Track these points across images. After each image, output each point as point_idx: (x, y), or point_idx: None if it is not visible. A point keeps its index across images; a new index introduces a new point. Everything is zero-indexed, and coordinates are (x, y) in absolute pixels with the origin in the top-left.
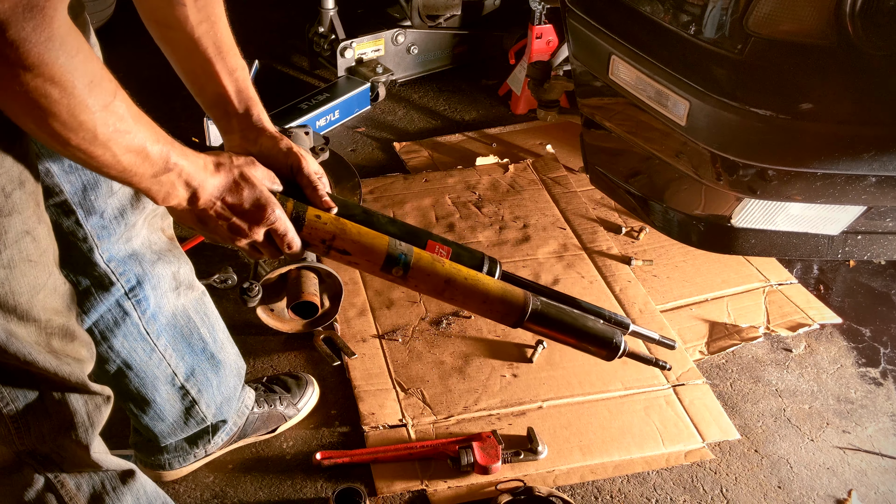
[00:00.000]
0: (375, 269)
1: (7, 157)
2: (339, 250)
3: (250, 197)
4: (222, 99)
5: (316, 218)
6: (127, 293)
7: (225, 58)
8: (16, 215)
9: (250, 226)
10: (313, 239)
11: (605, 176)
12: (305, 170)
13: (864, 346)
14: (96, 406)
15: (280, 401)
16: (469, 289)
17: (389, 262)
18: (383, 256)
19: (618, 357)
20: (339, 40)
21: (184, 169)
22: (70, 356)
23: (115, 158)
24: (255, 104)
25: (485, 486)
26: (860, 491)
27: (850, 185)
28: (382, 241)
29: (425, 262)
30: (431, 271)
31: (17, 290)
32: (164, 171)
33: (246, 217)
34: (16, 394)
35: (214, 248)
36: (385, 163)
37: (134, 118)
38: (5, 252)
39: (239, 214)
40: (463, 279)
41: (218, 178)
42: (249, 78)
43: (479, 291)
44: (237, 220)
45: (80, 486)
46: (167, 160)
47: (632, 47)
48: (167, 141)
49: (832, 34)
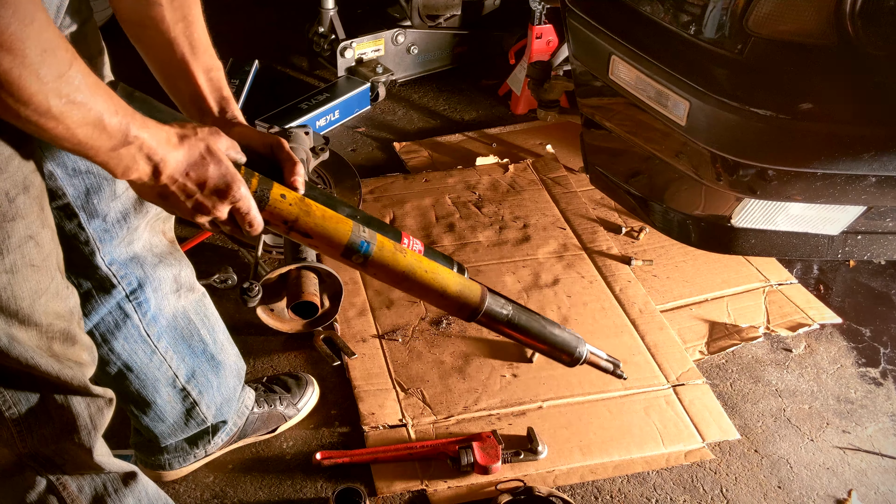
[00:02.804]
0: (336, 254)
1: (11, 162)
2: (300, 232)
3: (215, 173)
4: (197, 97)
5: (281, 197)
6: (128, 296)
7: (200, 57)
8: (20, 220)
9: (213, 203)
10: (275, 219)
11: (605, 176)
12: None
13: (864, 346)
14: (98, 409)
15: (280, 401)
16: (428, 281)
17: (350, 248)
18: (345, 242)
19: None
20: (339, 40)
21: (145, 142)
22: (71, 360)
23: (70, 131)
24: (230, 103)
25: (485, 486)
26: (860, 491)
27: (850, 185)
28: (346, 226)
29: (387, 251)
30: (392, 261)
31: (19, 295)
32: (122, 145)
33: (210, 194)
34: (18, 397)
35: (214, 249)
36: (385, 163)
37: (91, 89)
38: (8, 257)
39: (203, 191)
40: (423, 272)
41: (181, 152)
42: (224, 78)
43: (438, 285)
44: (200, 196)
45: (82, 488)
46: (126, 133)
47: (632, 47)
48: (127, 113)
49: (832, 34)
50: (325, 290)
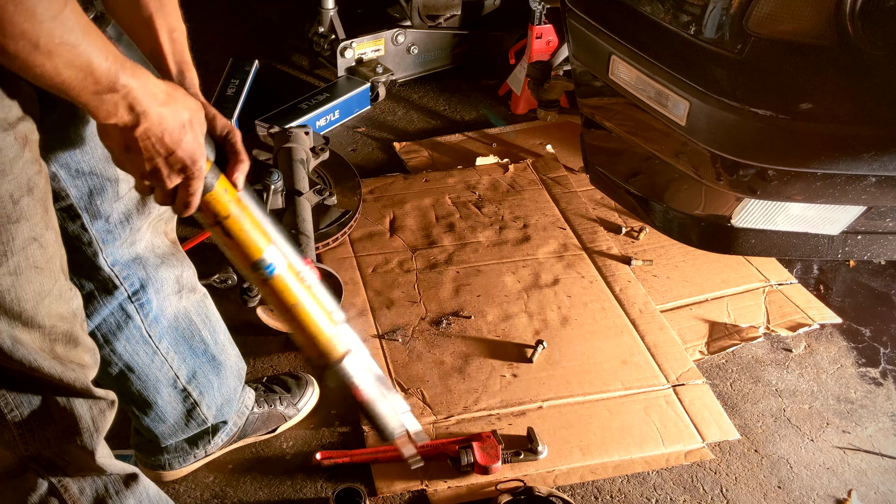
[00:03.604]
0: (244, 263)
1: (16, 164)
2: (224, 231)
3: (189, 145)
4: (157, 56)
5: (223, 192)
6: (130, 297)
7: (167, 16)
8: (24, 222)
9: (170, 172)
10: (209, 209)
11: (605, 176)
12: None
13: (864, 346)
14: (101, 411)
15: (280, 401)
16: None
17: (259, 263)
18: (258, 256)
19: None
20: (339, 40)
21: (132, 91)
22: (74, 362)
23: (56, 71)
24: (189, 68)
25: (485, 486)
26: (860, 491)
27: (850, 185)
28: (265, 241)
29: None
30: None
31: (22, 297)
32: (108, 91)
33: (173, 163)
34: (20, 399)
35: (215, 249)
36: (385, 163)
37: (83, 30)
38: (12, 259)
39: (167, 158)
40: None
41: (165, 111)
42: (186, 42)
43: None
44: (161, 161)
45: (84, 490)
46: (115, 80)
47: (632, 47)
48: (118, 59)
49: (832, 34)
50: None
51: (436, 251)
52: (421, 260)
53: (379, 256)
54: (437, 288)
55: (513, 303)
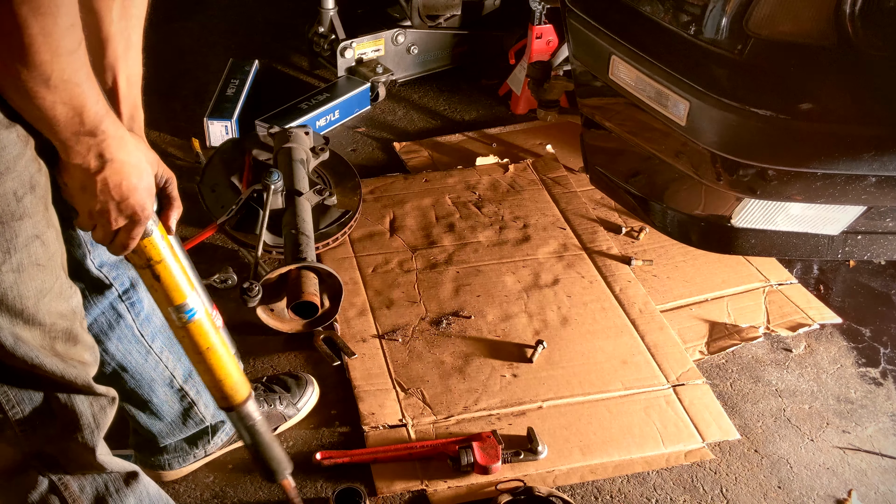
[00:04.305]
0: (167, 305)
1: (19, 161)
2: (154, 274)
3: (141, 195)
4: (112, 98)
5: (160, 237)
6: (120, 296)
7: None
8: (27, 219)
9: (117, 216)
10: (145, 252)
11: (605, 176)
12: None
13: (864, 346)
14: (101, 408)
15: (280, 401)
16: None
17: (182, 307)
18: (182, 300)
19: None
20: (339, 40)
21: (108, 139)
22: (74, 359)
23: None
24: (139, 112)
25: (485, 486)
26: (860, 491)
27: (850, 185)
28: (188, 287)
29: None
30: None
31: (24, 294)
32: (88, 134)
33: (123, 210)
34: (22, 396)
35: (215, 249)
36: (385, 163)
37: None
38: (15, 256)
39: (120, 203)
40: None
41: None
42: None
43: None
44: (112, 206)
45: (84, 488)
46: (97, 125)
47: (632, 47)
48: (105, 105)
49: (832, 34)
50: (325, 290)
51: (436, 251)
52: (421, 260)
53: (379, 256)
54: (437, 288)
55: (513, 303)
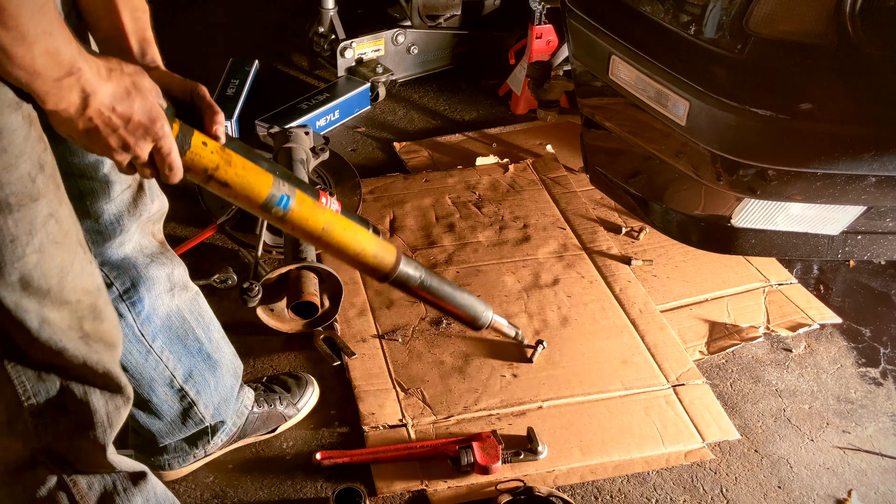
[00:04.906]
0: (255, 206)
1: (27, 142)
2: (220, 182)
3: (141, 108)
4: (118, 36)
5: (202, 145)
6: (121, 295)
7: None
8: (42, 199)
9: (136, 140)
10: (195, 166)
11: (605, 176)
12: (208, 95)
13: (864, 346)
14: (116, 407)
15: (280, 401)
16: (346, 241)
17: (270, 201)
18: (265, 195)
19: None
20: (339, 40)
21: (84, 73)
22: (101, 340)
23: (32, 59)
24: (151, 45)
25: (485, 486)
26: (860, 491)
27: (850, 185)
28: (267, 179)
29: (306, 207)
30: (311, 217)
31: (48, 273)
32: (67, 75)
33: (133, 129)
34: (38, 387)
35: (215, 249)
36: (385, 163)
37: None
38: (37, 237)
39: (126, 126)
40: (342, 229)
41: (110, 86)
42: (149, 21)
43: (356, 245)
44: (123, 131)
45: (92, 486)
46: (73, 63)
47: (632, 47)
48: (74, 42)
49: (832, 34)
50: (325, 290)
51: (436, 251)
52: (421, 260)
53: None
54: None
55: (513, 303)
